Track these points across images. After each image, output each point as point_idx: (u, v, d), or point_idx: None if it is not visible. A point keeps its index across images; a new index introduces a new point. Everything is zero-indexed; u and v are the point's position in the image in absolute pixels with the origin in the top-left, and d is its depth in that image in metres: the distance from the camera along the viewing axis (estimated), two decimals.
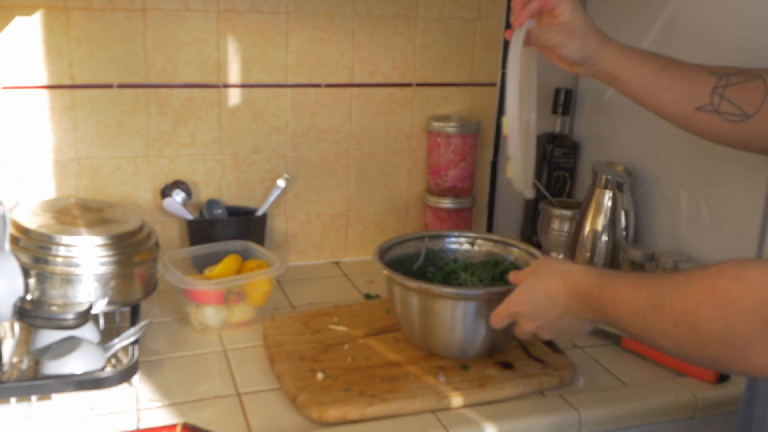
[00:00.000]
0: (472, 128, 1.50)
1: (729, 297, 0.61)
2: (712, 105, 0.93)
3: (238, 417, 0.97)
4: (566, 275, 0.89)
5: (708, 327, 0.63)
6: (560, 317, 0.90)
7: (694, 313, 0.65)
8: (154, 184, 1.40)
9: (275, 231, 1.50)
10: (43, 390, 0.94)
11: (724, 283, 0.63)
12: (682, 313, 0.66)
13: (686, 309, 0.66)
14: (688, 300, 0.66)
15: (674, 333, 0.67)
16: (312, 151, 1.48)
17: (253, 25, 1.38)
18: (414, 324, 1.09)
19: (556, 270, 0.91)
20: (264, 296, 1.23)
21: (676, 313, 0.67)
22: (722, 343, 0.63)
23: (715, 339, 0.63)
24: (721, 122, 0.93)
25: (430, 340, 1.08)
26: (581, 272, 0.87)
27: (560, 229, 1.48)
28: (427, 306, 1.06)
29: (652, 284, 0.73)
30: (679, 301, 0.67)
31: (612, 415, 1.02)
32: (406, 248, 1.20)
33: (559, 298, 0.89)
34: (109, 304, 1.08)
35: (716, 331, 0.63)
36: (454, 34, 1.52)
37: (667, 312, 0.68)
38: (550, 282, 0.90)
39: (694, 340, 0.65)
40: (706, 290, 0.64)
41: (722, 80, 0.93)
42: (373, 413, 0.97)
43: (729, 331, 0.61)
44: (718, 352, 0.64)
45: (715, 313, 0.62)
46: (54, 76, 1.30)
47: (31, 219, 1.09)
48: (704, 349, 0.65)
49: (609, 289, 0.80)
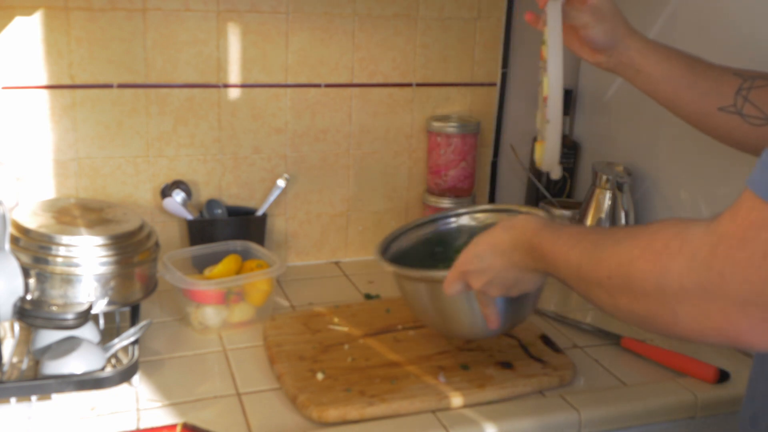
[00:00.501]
0: (472, 128, 1.50)
1: (667, 253, 0.60)
2: (735, 106, 0.92)
3: (238, 417, 0.97)
4: (511, 226, 0.87)
5: (641, 281, 0.62)
6: (505, 269, 0.88)
7: (630, 265, 0.63)
8: (154, 184, 1.40)
9: (275, 231, 1.50)
10: (43, 390, 0.94)
11: (664, 238, 0.61)
12: (618, 265, 0.65)
13: (622, 262, 0.65)
14: (625, 253, 0.65)
15: (608, 285, 0.67)
16: (312, 151, 1.48)
17: (253, 25, 1.38)
18: (431, 314, 1.07)
19: (502, 222, 0.89)
20: (264, 296, 1.23)
21: (611, 266, 0.66)
22: (653, 298, 0.61)
23: (647, 293, 0.62)
24: (742, 124, 0.92)
25: (452, 327, 1.06)
26: (525, 221, 0.85)
27: None
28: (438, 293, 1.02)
29: (593, 237, 0.72)
30: (617, 254, 0.66)
31: (612, 415, 1.02)
32: (407, 240, 1.20)
33: (503, 248, 0.87)
34: (109, 304, 1.08)
35: (649, 286, 0.61)
36: (454, 34, 1.52)
37: (603, 265, 0.67)
38: (494, 234, 0.89)
39: (626, 294, 0.64)
40: (645, 245, 0.63)
41: (747, 82, 0.92)
42: (373, 413, 0.97)
43: (661, 287, 0.60)
44: (648, 308, 0.63)
45: (650, 267, 0.61)
46: (54, 76, 1.30)
47: (31, 219, 1.09)
48: (635, 303, 0.64)
49: (549, 238, 0.79)
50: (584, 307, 1.35)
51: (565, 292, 1.43)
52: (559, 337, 1.21)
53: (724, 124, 0.93)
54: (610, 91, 1.52)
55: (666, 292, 0.60)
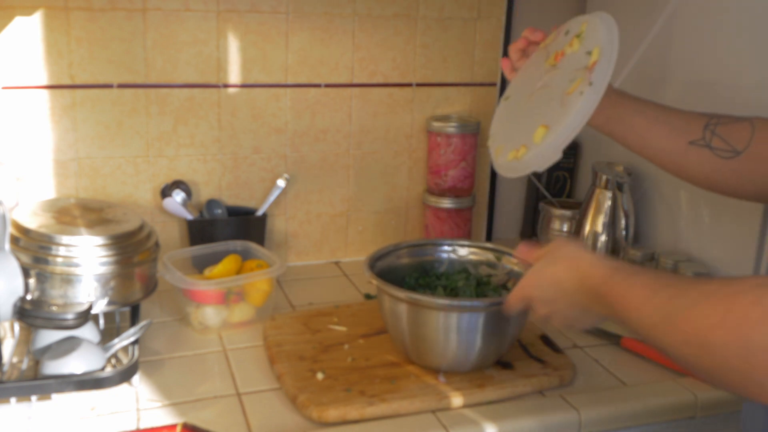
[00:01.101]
0: (472, 128, 1.50)
1: (748, 324, 0.57)
2: (704, 140, 0.94)
3: (238, 417, 0.97)
4: (576, 264, 0.84)
5: (722, 352, 0.59)
6: (569, 306, 0.87)
7: (709, 334, 0.60)
8: (154, 184, 1.40)
9: (275, 231, 1.50)
10: (43, 390, 0.94)
11: (742, 306, 0.58)
12: (695, 332, 0.62)
13: (699, 329, 0.61)
14: (702, 320, 0.61)
15: (685, 351, 0.64)
16: (312, 151, 1.48)
17: (253, 25, 1.38)
18: (406, 338, 1.06)
19: (566, 255, 0.86)
20: (264, 296, 1.23)
21: (688, 331, 0.63)
22: (736, 371, 0.58)
23: (730, 366, 0.59)
24: (712, 158, 0.94)
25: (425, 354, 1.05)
26: (592, 264, 0.82)
27: (560, 229, 1.48)
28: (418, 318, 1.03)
29: (666, 294, 0.68)
30: (693, 320, 0.62)
31: (612, 415, 1.02)
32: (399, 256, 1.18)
33: (567, 287, 0.85)
34: (109, 304, 1.08)
35: (731, 358, 0.58)
36: (454, 34, 1.52)
37: (679, 328, 0.64)
38: (558, 269, 0.86)
39: (706, 362, 0.61)
40: (723, 312, 0.59)
41: (713, 119, 0.95)
42: (373, 413, 0.97)
43: (746, 360, 0.57)
44: (730, 379, 0.60)
45: (731, 340, 0.58)
46: (54, 76, 1.30)
47: (31, 219, 1.09)
48: (716, 372, 0.61)
49: (619, 288, 0.76)
50: None
51: None
52: (559, 337, 1.21)
53: (696, 160, 0.96)
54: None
55: (750, 364, 0.57)
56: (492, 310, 1.02)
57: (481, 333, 1.02)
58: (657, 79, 1.38)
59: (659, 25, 1.36)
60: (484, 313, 1.01)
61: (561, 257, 0.87)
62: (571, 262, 0.85)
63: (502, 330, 1.04)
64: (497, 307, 1.02)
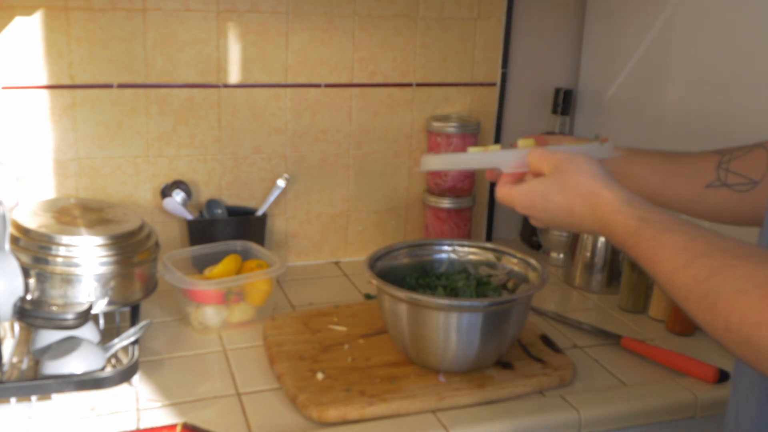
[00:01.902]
0: (472, 128, 1.50)
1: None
2: (719, 180, 0.92)
3: (238, 417, 0.97)
4: (595, 203, 0.76)
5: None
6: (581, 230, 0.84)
7: (757, 332, 0.54)
8: (154, 184, 1.40)
9: (275, 231, 1.50)
10: (43, 390, 0.94)
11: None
12: (740, 324, 0.56)
13: (746, 322, 0.55)
14: (750, 313, 0.55)
15: (724, 336, 0.58)
16: (312, 151, 1.48)
17: (253, 25, 1.38)
18: (406, 338, 1.06)
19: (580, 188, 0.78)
20: (264, 296, 1.23)
21: (731, 319, 0.57)
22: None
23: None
24: (730, 195, 0.91)
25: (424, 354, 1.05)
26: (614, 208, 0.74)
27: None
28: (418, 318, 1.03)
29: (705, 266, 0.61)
30: (738, 310, 0.56)
31: (612, 415, 1.02)
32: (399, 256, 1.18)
33: (584, 223, 0.78)
34: (109, 304, 1.08)
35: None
36: (454, 34, 1.52)
37: (720, 313, 0.58)
38: (572, 201, 0.78)
39: (749, 355, 0.56)
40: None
41: (725, 156, 0.92)
42: (373, 413, 0.97)
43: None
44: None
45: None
46: (54, 76, 1.30)
47: (31, 219, 1.09)
48: (759, 365, 0.56)
49: (648, 245, 0.68)
50: (584, 307, 1.35)
51: (565, 291, 1.43)
52: (559, 337, 1.21)
53: (715, 201, 0.93)
54: (610, 91, 1.52)
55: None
56: (492, 310, 1.02)
57: (481, 333, 1.02)
58: (657, 79, 1.38)
59: (659, 25, 1.37)
60: (483, 313, 1.01)
61: (574, 188, 0.79)
62: (589, 199, 0.77)
63: (501, 330, 1.04)
64: (497, 307, 1.02)
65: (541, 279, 1.08)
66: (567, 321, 1.27)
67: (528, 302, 1.08)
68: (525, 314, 1.08)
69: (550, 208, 0.81)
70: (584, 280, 1.42)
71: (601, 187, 0.77)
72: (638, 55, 1.43)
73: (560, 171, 0.81)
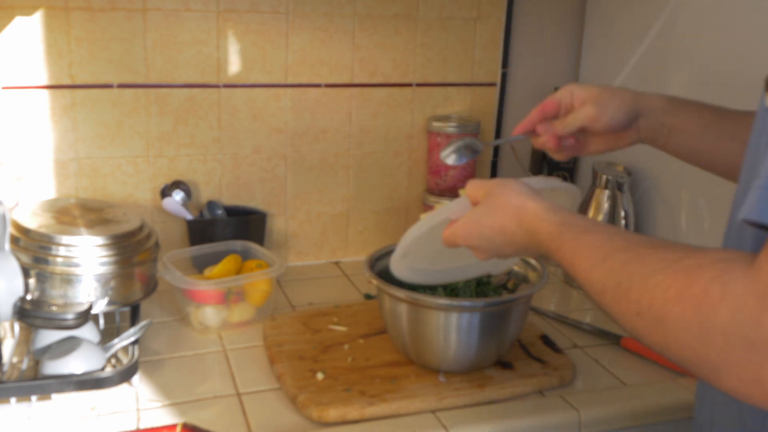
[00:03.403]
0: (472, 128, 1.50)
1: (707, 302, 0.52)
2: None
3: (238, 417, 0.97)
4: (521, 216, 0.79)
5: (677, 329, 0.54)
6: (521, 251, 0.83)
7: (664, 309, 0.55)
8: (154, 184, 1.40)
9: (275, 231, 1.50)
10: (43, 390, 0.94)
11: (702, 282, 0.53)
12: (649, 305, 0.57)
13: (655, 302, 0.56)
14: (658, 292, 0.56)
15: (636, 322, 0.59)
16: (312, 151, 1.48)
17: (253, 25, 1.38)
18: (405, 338, 1.06)
19: (509, 204, 0.80)
20: (264, 296, 1.23)
21: (641, 302, 0.58)
22: (691, 349, 0.54)
23: (684, 343, 0.54)
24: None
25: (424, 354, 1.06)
26: (538, 216, 0.77)
27: None
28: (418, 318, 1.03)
29: (620, 259, 0.63)
30: (649, 290, 0.57)
31: (612, 415, 1.02)
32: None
33: (515, 239, 0.80)
34: (109, 304, 1.08)
35: (686, 337, 0.54)
36: (454, 34, 1.52)
37: (632, 298, 0.59)
38: (503, 219, 0.81)
39: (658, 337, 0.57)
40: (680, 286, 0.54)
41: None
42: (373, 413, 0.97)
43: (702, 341, 0.52)
44: (683, 356, 0.55)
45: (688, 318, 0.53)
46: (54, 76, 1.30)
47: (31, 219, 1.09)
48: (668, 348, 0.56)
49: (568, 247, 0.70)
50: (584, 307, 1.35)
51: (565, 292, 1.43)
52: (559, 337, 1.21)
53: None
54: None
55: (707, 345, 0.52)
56: (492, 310, 1.02)
57: (481, 333, 1.02)
58: (657, 79, 1.38)
59: (659, 25, 1.37)
60: (483, 313, 1.01)
61: (503, 207, 0.81)
62: (516, 213, 0.80)
63: (501, 330, 1.04)
64: (497, 307, 1.02)
65: (541, 279, 1.08)
66: (567, 321, 1.27)
67: (528, 302, 1.08)
68: (525, 314, 1.08)
69: (485, 232, 0.83)
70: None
71: (526, 199, 0.80)
72: (638, 55, 1.43)
73: (491, 195, 0.83)
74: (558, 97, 0.97)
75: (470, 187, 0.88)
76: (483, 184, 0.86)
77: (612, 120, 0.94)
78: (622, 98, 0.94)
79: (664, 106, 0.94)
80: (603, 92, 0.95)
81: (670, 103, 0.94)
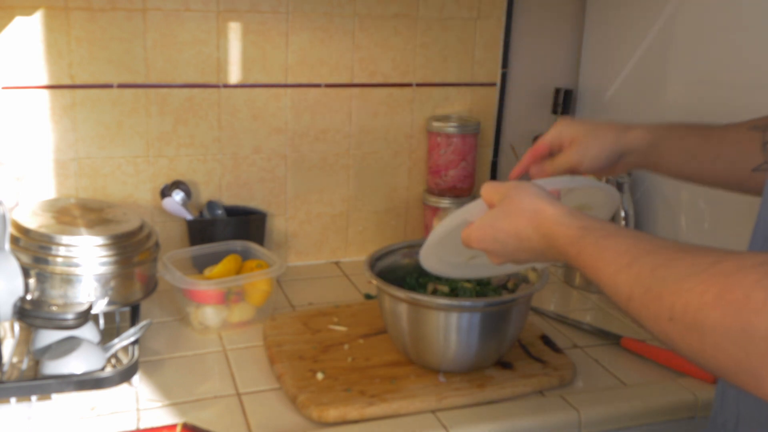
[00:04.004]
0: (472, 128, 1.50)
1: (750, 307, 0.50)
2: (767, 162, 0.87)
3: (238, 417, 0.97)
4: (539, 221, 0.77)
5: (716, 335, 0.52)
6: (535, 258, 0.81)
7: (701, 314, 0.53)
8: (154, 184, 1.40)
9: (275, 231, 1.50)
10: (43, 390, 0.94)
11: (744, 287, 0.51)
12: (684, 310, 0.55)
13: (690, 307, 0.54)
14: (693, 297, 0.54)
15: (668, 328, 0.57)
16: (312, 151, 1.48)
17: (253, 25, 1.38)
18: (406, 338, 1.06)
19: (525, 208, 0.79)
20: (264, 296, 1.23)
21: (676, 308, 0.55)
22: (729, 356, 0.52)
23: (722, 350, 0.52)
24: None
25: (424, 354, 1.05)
26: (556, 221, 0.75)
27: None
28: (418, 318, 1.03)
29: (648, 263, 0.61)
30: (683, 295, 0.55)
31: (612, 415, 1.02)
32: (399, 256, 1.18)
33: (532, 244, 0.79)
34: (109, 304, 1.08)
35: (725, 343, 0.52)
36: (454, 34, 1.52)
37: (664, 303, 0.57)
38: (518, 224, 0.79)
39: (694, 343, 0.55)
40: (719, 291, 0.52)
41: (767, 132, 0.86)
42: (373, 413, 0.97)
43: (742, 347, 0.50)
44: (720, 363, 0.53)
45: (729, 323, 0.51)
46: (54, 76, 1.30)
47: (31, 219, 1.09)
48: (703, 354, 0.54)
49: (590, 252, 0.68)
50: (584, 307, 1.35)
51: (565, 292, 1.43)
52: (559, 337, 1.21)
53: (764, 179, 0.87)
54: (610, 91, 1.52)
55: (748, 351, 0.50)
56: (492, 309, 1.02)
57: (481, 333, 1.02)
58: (657, 79, 1.38)
59: (659, 25, 1.37)
60: (483, 313, 1.01)
61: (518, 210, 0.80)
62: (533, 218, 0.78)
63: (501, 330, 1.04)
64: (497, 307, 1.02)
65: (541, 279, 1.08)
66: (567, 321, 1.27)
67: (528, 302, 1.08)
68: (525, 314, 1.08)
69: (500, 236, 0.81)
70: (584, 280, 1.42)
71: (544, 203, 0.78)
72: (638, 55, 1.43)
73: (507, 197, 0.82)
74: (548, 138, 0.98)
75: (485, 190, 0.86)
76: (498, 187, 0.84)
77: (593, 163, 0.95)
78: (604, 140, 0.95)
79: (649, 141, 0.94)
80: (587, 134, 0.95)
81: (654, 137, 0.94)
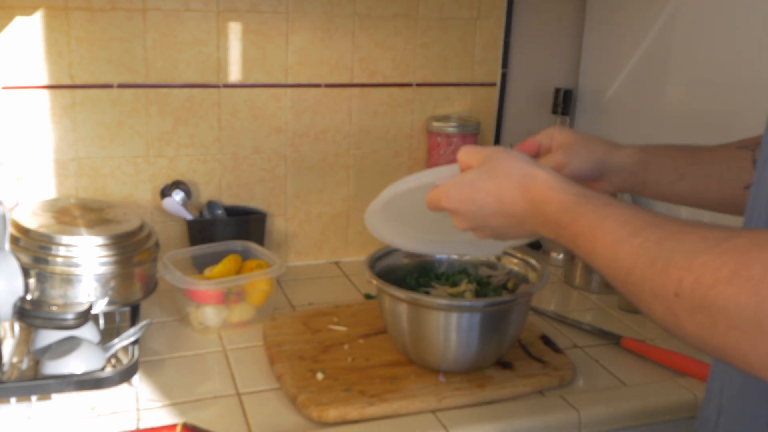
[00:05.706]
0: (472, 128, 1.50)
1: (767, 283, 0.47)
2: None
3: (238, 417, 0.97)
4: (527, 185, 0.72)
5: (728, 313, 0.49)
6: (509, 227, 0.76)
7: (713, 289, 0.50)
8: (154, 184, 1.40)
9: (275, 231, 1.50)
10: (43, 390, 0.94)
11: (763, 263, 0.48)
12: (694, 286, 0.51)
13: (701, 283, 0.51)
14: (707, 273, 0.51)
15: (673, 303, 0.53)
16: (312, 151, 1.48)
17: (253, 25, 1.38)
18: (405, 338, 1.06)
19: (513, 171, 0.74)
20: (264, 296, 1.23)
21: (684, 282, 0.52)
22: (742, 334, 0.49)
23: (735, 326, 0.49)
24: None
25: (424, 354, 1.05)
26: (550, 186, 0.70)
27: None
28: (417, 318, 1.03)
29: (653, 235, 0.57)
30: (695, 270, 0.52)
31: (612, 415, 1.02)
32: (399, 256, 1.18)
33: (514, 209, 0.73)
34: (109, 304, 1.08)
35: (739, 321, 0.48)
36: (454, 34, 1.52)
37: (671, 277, 0.53)
38: (503, 186, 0.74)
39: (701, 320, 0.51)
40: (735, 266, 0.49)
41: (756, 151, 0.83)
42: (373, 413, 0.97)
43: (758, 325, 0.47)
44: (729, 342, 0.50)
45: (745, 300, 0.48)
46: (54, 76, 1.30)
47: (31, 219, 1.09)
48: (712, 333, 0.51)
49: (588, 219, 0.64)
50: (584, 307, 1.35)
51: (565, 292, 1.43)
52: (559, 337, 1.21)
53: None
54: (610, 91, 1.52)
55: (762, 330, 0.48)
56: (492, 310, 1.02)
57: (481, 333, 1.02)
58: (657, 80, 1.38)
59: (659, 25, 1.37)
60: (483, 313, 1.01)
61: (506, 172, 0.75)
62: (521, 181, 0.73)
63: (501, 330, 1.04)
64: (497, 307, 1.02)
65: (541, 279, 1.08)
66: (567, 321, 1.27)
67: (528, 302, 1.08)
68: (525, 314, 1.08)
69: (478, 196, 0.76)
70: (584, 280, 1.42)
71: (535, 168, 0.73)
72: (638, 55, 1.43)
73: (491, 159, 0.77)
74: (539, 138, 0.96)
75: (464, 151, 0.80)
76: (480, 150, 0.79)
77: (577, 170, 0.92)
78: (593, 150, 0.93)
79: (638, 159, 0.92)
80: (577, 142, 0.93)
81: (644, 155, 0.92)
